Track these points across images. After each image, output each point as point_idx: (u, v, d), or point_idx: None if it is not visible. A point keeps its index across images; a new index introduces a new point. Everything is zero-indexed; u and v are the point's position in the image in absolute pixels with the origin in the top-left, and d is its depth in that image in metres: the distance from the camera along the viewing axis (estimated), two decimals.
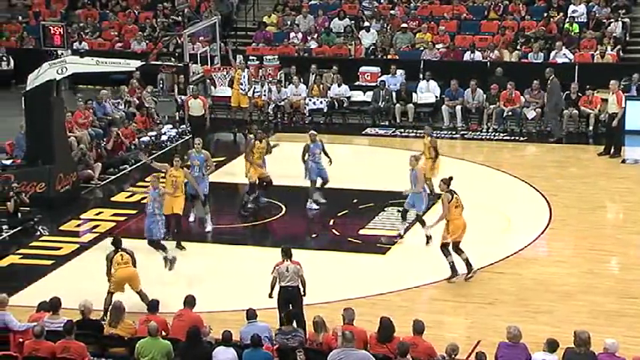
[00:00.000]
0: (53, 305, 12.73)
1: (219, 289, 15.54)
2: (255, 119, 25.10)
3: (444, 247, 15.63)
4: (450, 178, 15.87)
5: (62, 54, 22.03)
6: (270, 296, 13.71)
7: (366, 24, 28.12)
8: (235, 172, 20.75)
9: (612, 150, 21.92)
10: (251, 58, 26.47)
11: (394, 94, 25.16)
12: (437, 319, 14.09)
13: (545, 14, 27.32)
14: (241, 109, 25.15)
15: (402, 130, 24.31)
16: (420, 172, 17.07)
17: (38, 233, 18.24)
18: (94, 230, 18.38)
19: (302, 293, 13.66)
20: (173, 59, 26.37)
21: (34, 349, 11.87)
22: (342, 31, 28.07)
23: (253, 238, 18.21)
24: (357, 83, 26.01)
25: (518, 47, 26.19)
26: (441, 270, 15.94)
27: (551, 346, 11.54)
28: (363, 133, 24.38)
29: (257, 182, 18.83)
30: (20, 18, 30.49)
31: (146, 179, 16.77)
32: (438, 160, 18.65)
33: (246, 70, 25.07)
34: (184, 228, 17.66)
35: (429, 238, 16.88)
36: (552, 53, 25.80)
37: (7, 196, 18.45)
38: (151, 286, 14.73)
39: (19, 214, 18.60)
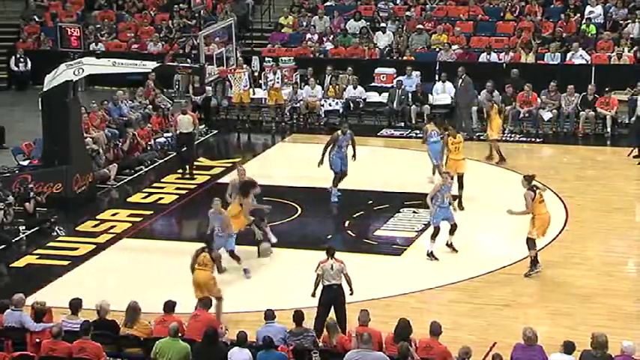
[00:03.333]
0: (73, 306, 12.76)
1: (236, 290, 15.53)
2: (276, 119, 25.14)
3: (529, 241, 15.78)
4: (533, 176, 16.11)
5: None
6: (314, 295, 13.67)
7: (382, 25, 28.10)
8: (249, 173, 20.73)
9: None
10: (267, 59, 26.50)
11: (410, 95, 25.13)
12: (453, 321, 14.05)
13: (562, 15, 27.24)
14: (244, 105, 25.19)
15: (418, 132, 24.25)
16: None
17: (55, 234, 18.31)
18: (110, 231, 18.42)
19: (349, 292, 13.67)
20: (189, 60, 26.42)
21: (51, 349, 11.91)
22: (358, 32, 28.06)
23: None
24: (372, 84, 25.99)
25: (535, 49, 26.10)
26: (457, 272, 15.92)
27: (568, 348, 11.50)
28: (379, 134, 24.36)
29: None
30: (37, 19, 30.61)
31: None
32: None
33: (245, 67, 25.08)
34: None
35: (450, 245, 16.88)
36: (569, 54, 25.72)
37: (27, 197, 18.53)
38: (166, 286, 14.75)
39: (37, 215, 18.68)
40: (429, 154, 19.58)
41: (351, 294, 13.75)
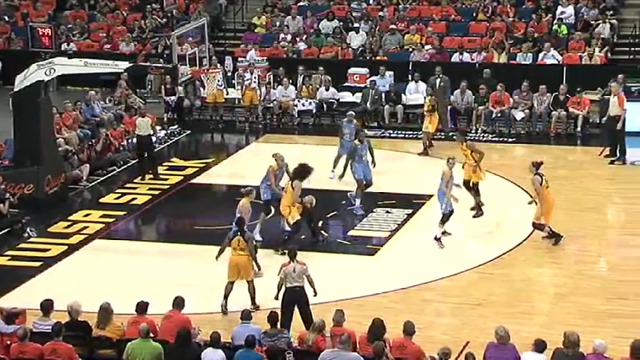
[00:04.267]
0: (45, 307, 12.67)
1: (208, 290, 15.48)
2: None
3: (537, 225, 16.67)
4: (540, 163, 16.86)
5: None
6: (277, 298, 13.78)
7: (355, 25, 28.11)
8: (222, 173, 20.77)
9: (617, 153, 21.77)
10: (240, 59, 26.44)
11: (383, 95, 25.16)
12: (426, 320, 14.09)
13: (534, 15, 27.39)
14: (217, 105, 25.19)
15: (391, 132, 24.31)
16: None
17: (26, 235, 18.17)
18: (82, 232, 18.31)
19: (313, 294, 13.77)
20: (162, 60, 26.33)
21: (20, 352, 11.81)
22: (331, 32, 28.07)
23: None
24: (346, 84, 26.00)
25: (507, 49, 26.24)
26: (430, 271, 15.97)
27: (539, 346, 11.56)
28: None
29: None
30: (7, 18, 30.37)
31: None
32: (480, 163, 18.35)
33: (219, 66, 25.06)
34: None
35: (445, 233, 17.09)
36: (541, 54, 25.86)
37: (1, 197, 18.39)
38: (139, 288, 14.68)
39: (8, 216, 18.52)
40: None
41: (315, 295, 13.79)
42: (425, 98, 23.12)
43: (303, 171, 17.13)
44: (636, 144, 21.86)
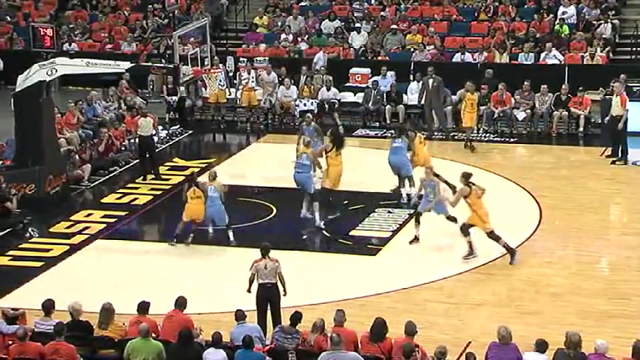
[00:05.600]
0: (46, 307, 12.69)
1: (209, 290, 15.51)
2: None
3: (491, 234, 16.27)
4: (470, 174, 16.61)
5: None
6: (249, 291, 13.82)
7: (357, 25, 28.11)
8: (224, 173, 20.72)
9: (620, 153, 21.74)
10: (242, 59, 26.46)
11: (384, 95, 25.17)
12: (427, 320, 14.09)
13: (535, 15, 27.38)
14: (219, 104, 25.17)
15: (392, 132, 24.29)
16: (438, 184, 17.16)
17: (28, 235, 18.19)
18: (84, 232, 18.32)
19: (282, 292, 13.71)
20: (163, 61, 26.33)
21: (20, 352, 11.82)
22: (333, 32, 28.07)
23: (243, 239, 18.12)
24: (347, 84, 26.00)
25: (509, 49, 26.24)
26: (431, 271, 15.98)
27: (541, 346, 11.57)
28: (354, 134, 24.37)
29: None
30: (9, 19, 30.40)
31: None
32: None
33: (221, 66, 25.08)
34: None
35: (416, 238, 17.01)
36: (542, 54, 25.86)
37: (6, 197, 18.40)
38: (141, 288, 14.70)
39: (15, 213, 18.55)
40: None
41: (284, 295, 13.75)
42: (464, 96, 23.06)
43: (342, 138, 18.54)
44: (638, 144, 21.85)
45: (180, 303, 12.85)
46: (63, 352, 11.72)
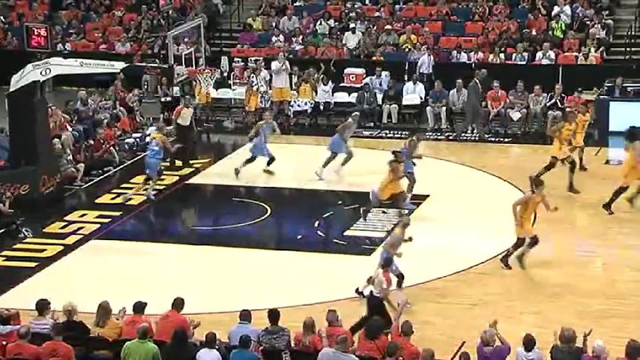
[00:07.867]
0: (40, 307, 12.64)
1: (206, 290, 15.47)
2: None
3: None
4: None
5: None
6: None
7: (352, 25, 28.11)
8: (218, 173, 20.76)
9: None
10: (236, 60, 26.43)
11: (378, 95, 25.16)
12: (422, 320, 14.07)
13: (529, 15, 27.40)
14: (206, 105, 25.23)
15: (388, 132, 24.32)
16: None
17: (22, 235, 18.13)
18: (78, 232, 18.27)
19: None
20: (157, 61, 26.30)
21: (17, 352, 11.78)
22: (328, 32, 28.06)
23: (238, 239, 18.10)
24: (342, 84, 25.99)
25: (502, 49, 26.25)
26: (426, 271, 15.97)
27: (528, 344, 11.55)
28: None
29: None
30: (2, 18, 30.32)
31: None
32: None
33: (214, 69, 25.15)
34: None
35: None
36: (538, 54, 25.88)
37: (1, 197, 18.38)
38: (136, 288, 14.65)
39: (7, 216, 18.51)
40: None
41: None
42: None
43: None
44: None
45: (178, 303, 12.81)
46: (61, 352, 11.67)
